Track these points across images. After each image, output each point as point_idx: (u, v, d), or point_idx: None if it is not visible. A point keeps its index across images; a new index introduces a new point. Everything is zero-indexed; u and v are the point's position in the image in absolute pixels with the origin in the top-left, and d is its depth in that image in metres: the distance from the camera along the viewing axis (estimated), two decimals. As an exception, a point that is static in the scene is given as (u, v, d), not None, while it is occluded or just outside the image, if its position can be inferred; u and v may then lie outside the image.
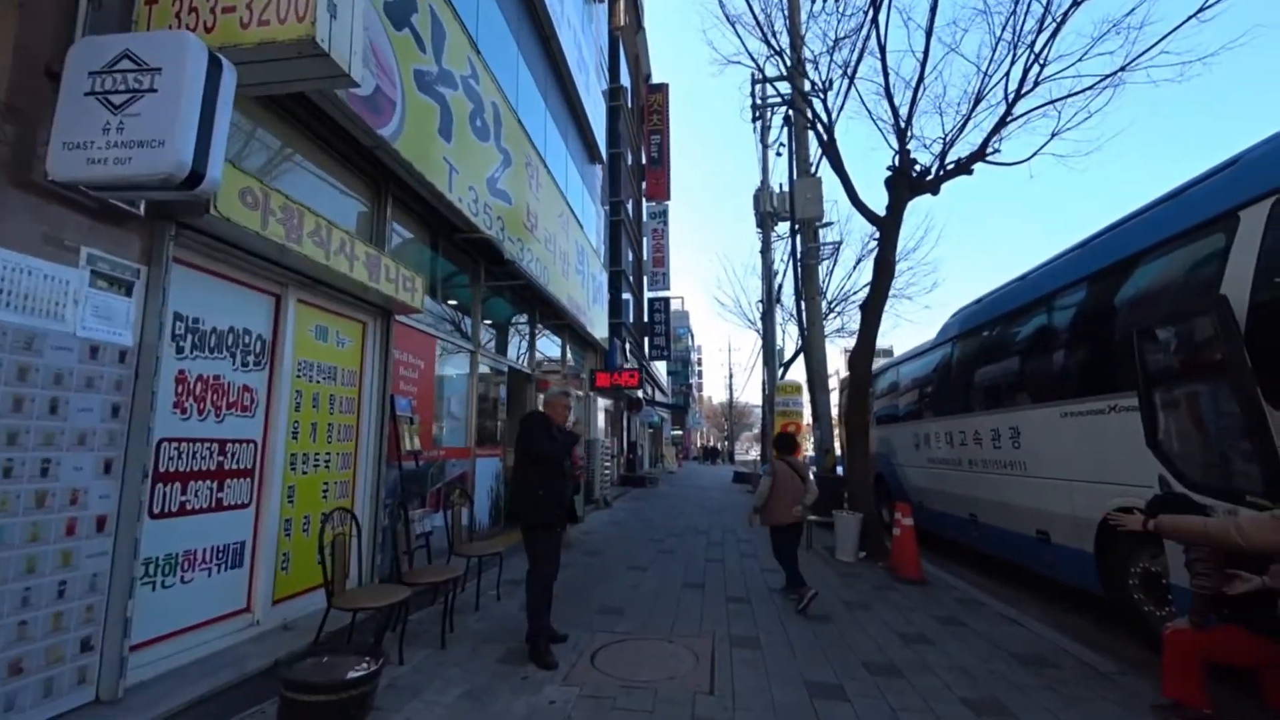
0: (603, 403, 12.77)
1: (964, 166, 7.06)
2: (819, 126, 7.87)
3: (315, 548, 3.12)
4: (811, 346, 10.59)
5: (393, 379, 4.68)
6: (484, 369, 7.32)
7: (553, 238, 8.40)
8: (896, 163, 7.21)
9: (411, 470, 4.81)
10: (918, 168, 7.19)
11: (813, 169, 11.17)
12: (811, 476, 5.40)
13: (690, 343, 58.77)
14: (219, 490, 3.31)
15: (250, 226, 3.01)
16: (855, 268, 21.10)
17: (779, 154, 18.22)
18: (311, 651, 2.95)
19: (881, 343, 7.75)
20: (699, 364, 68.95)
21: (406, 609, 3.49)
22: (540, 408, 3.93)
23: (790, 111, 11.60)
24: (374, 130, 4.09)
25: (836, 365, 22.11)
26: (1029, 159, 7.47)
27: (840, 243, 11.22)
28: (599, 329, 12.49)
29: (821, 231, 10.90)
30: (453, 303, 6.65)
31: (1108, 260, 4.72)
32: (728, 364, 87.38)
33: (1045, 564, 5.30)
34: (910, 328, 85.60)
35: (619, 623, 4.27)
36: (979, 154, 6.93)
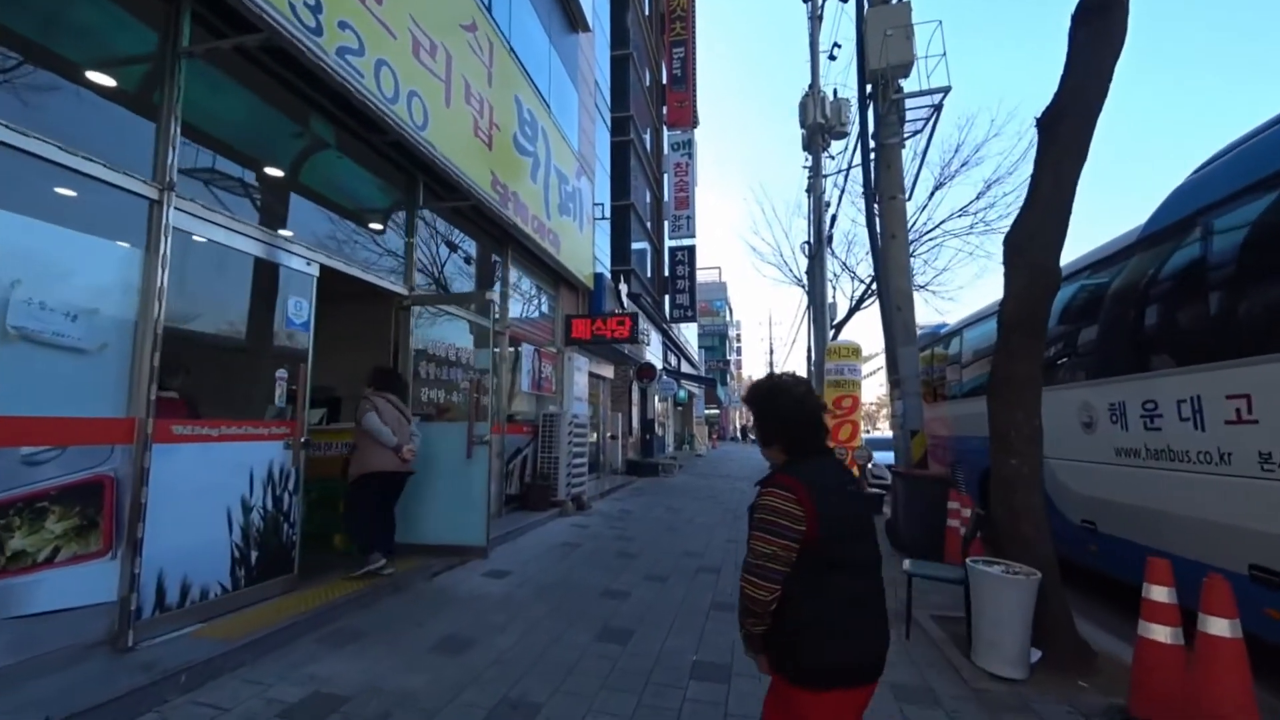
0: (584, 363, 9.27)
1: None
2: None
3: None
4: (889, 268, 6.73)
5: None
6: (242, 255, 3.72)
7: (438, 51, 4.79)
8: None
9: None
10: None
11: (895, -6, 7.12)
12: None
13: (728, 317, 54.00)
14: None
15: None
16: (930, 198, 15.38)
17: (833, 57, 14.24)
18: None
19: (933, 314, 3.83)
20: (738, 339, 64.09)
21: None
22: None
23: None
24: None
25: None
26: None
27: (946, 92, 7.05)
28: (579, 261, 8.90)
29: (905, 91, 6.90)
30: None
31: None
32: (768, 338, 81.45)
33: None
34: (995, 279, 61.03)
35: None
36: None
